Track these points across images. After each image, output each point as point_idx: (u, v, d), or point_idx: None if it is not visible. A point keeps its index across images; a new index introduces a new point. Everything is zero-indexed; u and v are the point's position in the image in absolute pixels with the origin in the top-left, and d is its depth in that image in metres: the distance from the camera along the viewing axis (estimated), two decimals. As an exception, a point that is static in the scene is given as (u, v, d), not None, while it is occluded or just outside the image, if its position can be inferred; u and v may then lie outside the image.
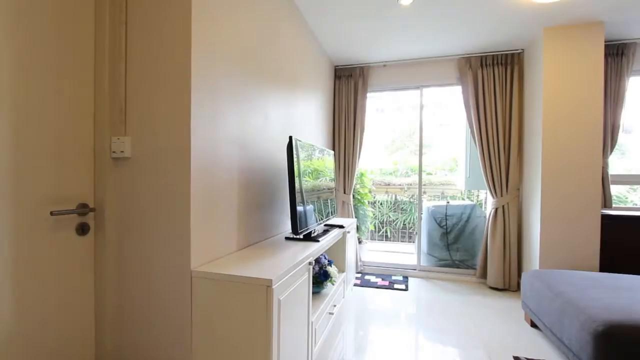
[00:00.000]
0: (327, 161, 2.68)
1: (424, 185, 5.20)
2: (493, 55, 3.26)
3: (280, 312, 1.30)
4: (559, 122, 2.75)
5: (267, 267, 1.37)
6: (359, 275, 3.66)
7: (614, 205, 3.09)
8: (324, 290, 2.26)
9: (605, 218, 2.76)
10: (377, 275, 3.65)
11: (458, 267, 3.67)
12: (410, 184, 5.28)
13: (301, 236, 2.00)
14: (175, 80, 1.33)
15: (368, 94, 3.73)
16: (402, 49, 3.29)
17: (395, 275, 3.66)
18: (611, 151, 2.92)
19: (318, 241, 1.94)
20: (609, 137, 2.90)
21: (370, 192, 4.35)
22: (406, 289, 3.24)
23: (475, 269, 3.53)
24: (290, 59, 2.37)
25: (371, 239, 5.48)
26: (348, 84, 3.66)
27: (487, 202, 3.55)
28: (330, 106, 3.64)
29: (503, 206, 3.24)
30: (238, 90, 1.68)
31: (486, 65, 3.27)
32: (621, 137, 2.96)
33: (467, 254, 3.72)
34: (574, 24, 2.70)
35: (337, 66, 3.71)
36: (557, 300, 1.94)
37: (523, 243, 3.19)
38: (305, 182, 2.01)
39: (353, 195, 3.89)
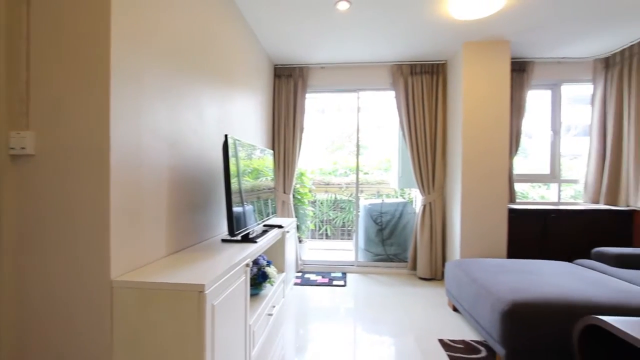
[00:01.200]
0: (266, 161, 2.65)
1: (361, 184, 5.43)
2: (421, 64, 3.53)
3: (215, 318, 1.25)
4: (476, 128, 3.10)
5: (200, 272, 1.31)
6: (300, 274, 3.69)
7: (517, 200, 3.57)
8: (263, 292, 2.23)
9: (511, 212, 3.19)
10: (317, 273, 3.71)
11: (392, 261, 3.91)
12: (349, 183, 5.47)
13: (239, 237, 1.94)
14: (91, 66, 1.19)
15: (308, 95, 3.77)
16: (340, 53, 3.39)
17: (334, 272, 3.76)
18: (515, 153, 3.38)
19: (256, 242, 1.91)
20: (514, 141, 3.35)
21: (310, 191, 4.40)
22: (345, 285, 3.35)
23: (407, 261, 3.79)
24: (227, 56, 2.29)
25: (312, 238, 5.55)
26: (288, 84, 3.66)
27: (417, 199, 3.84)
28: (270, 105, 3.60)
29: (430, 203, 3.54)
30: (169, 84, 1.57)
31: (415, 73, 3.53)
32: (523, 142, 3.44)
33: (400, 248, 3.98)
34: (488, 40, 3.05)
35: (277, 65, 3.68)
36: (473, 285, 2.18)
37: (447, 236, 3.52)
38: (243, 182, 1.96)
39: (293, 195, 3.90)
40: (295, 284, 3.36)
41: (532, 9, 2.49)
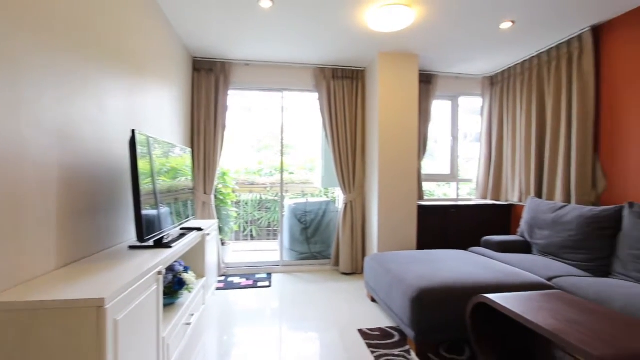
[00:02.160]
0: (184, 159, 2.47)
1: (287, 184, 5.45)
2: (342, 69, 3.70)
3: (119, 335, 1.11)
4: (390, 132, 3.37)
5: (101, 284, 1.16)
6: (223, 278, 3.53)
7: (425, 198, 4.00)
8: (180, 300, 2.07)
9: (420, 208, 3.55)
10: (242, 276, 3.61)
11: (316, 259, 4.02)
12: (274, 183, 5.44)
13: (151, 243, 1.77)
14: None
15: (232, 91, 3.63)
16: (265, 51, 3.35)
17: (259, 274, 3.70)
18: (423, 156, 3.78)
19: (171, 247, 1.77)
20: (422, 145, 3.74)
21: (233, 192, 4.25)
22: (270, 286, 3.33)
23: (330, 258, 3.93)
24: (135, 43, 2.07)
25: (236, 240, 5.37)
26: (209, 79, 3.47)
27: (340, 198, 4.02)
28: (188, 100, 3.37)
29: (351, 201, 3.73)
30: (58, 71, 1.34)
31: (337, 77, 3.69)
32: (430, 145, 3.87)
33: (324, 245, 4.12)
34: (400, 52, 3.35)
35: (197, 58, 3.46)
36: (388, 276, 2.38)
37: (366, 232, 3.76)
38: (157, 183, 1.79)
39: (215, 196, 3.72)
40: (218, 288, 3.21)
41: (434, 30, 2.81)
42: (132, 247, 1.76)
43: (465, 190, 4.50)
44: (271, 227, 5.62)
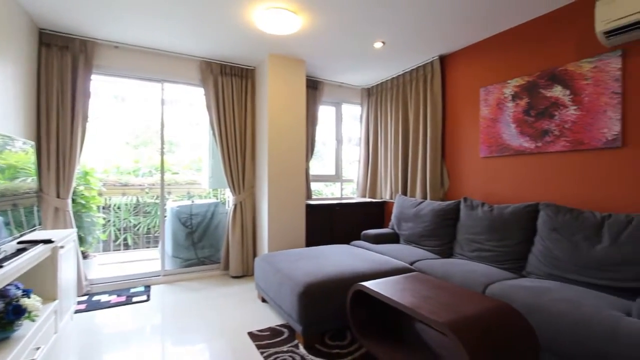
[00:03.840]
0: (26, 156, 1.97)
1: (170, 185, 4.97)
2: (232, 66, 3.58)
3: None
4: (279, 133, 3.43)
5: None
6: (85, 297, 2.97)
7: (314, 197, 4.23)
8: (18, 333, 1.64)
9: (308, 207, 3.74)
10: (111, 293, 3.10)
11: (204, 264, 3.77)
12: (154, 184, 4.87)
13: (-32, 265, 1.36)
14: None
15: (98, 77, 3.09)
16: (140, 35, 2.96)
17: (135, 288, 3.25)
18: (311, 157, 3.98)
19: (1, 267, 1.39)
20: (310, 146, 3.94)
21: (100, 194, 3.62)
22: (148, 299, 2.96)
23: (219, 262, 3.76)
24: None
25: (104, 251, 4.59)
26: (63, 58, 2.86)
27: (230, 199, 3.87)
28: (32, 82, 2.70)
29: (241, 202, 3.65)
30: None
31: (226, 74, 3.55)
32: (318, 147, 4.10)
33: (213, 249, 3.90)
34: (289, 56, 3.44)
35: (44, 30, 2.80)
36: (277, 275, 2.42)
37: (257, 233, 3.73)
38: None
39: (74, 200, 3.10)
40: (79, 311, 2.68)
41: (319, 40, 3.00)
42: None
43: (350, 189, 4.94)
44: (152, 233, 5.01)
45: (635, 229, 1.89)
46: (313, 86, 3.99)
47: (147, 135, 6.11)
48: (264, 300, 2.88)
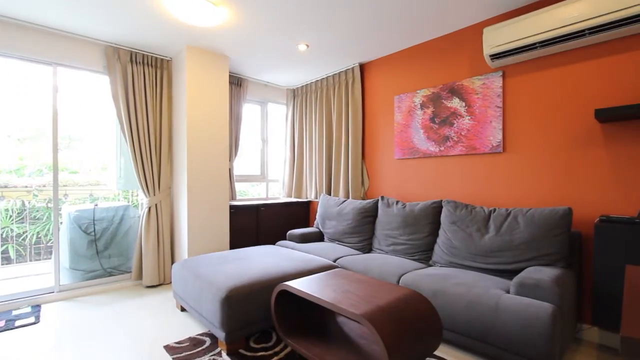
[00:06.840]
0: None
1: (67, 186, 4.30)
2: (144, 54, 3.26)
3: None
4: (200, 131, 3.24)
5: None
6: (-57, 328, 2.39)
7: (238, 197, 4.10)
8: None
9: (232, 208, 3.61)
10: (-17, 318, 2.55)
11: (112, 275, 3.36)
12: (45, 185, 4.16)
13: None
14: None
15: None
16: (21, 5, 2.49)
17: (18, 309, 2.73)
18: (235, 156, 3.85)
19: None
20: (234, 146, 3.81)
21: (-33, 199, 2.95)
22: (37, 322, 2.52)
23: (130, 272, 3.39)
24: None
25: (-26, 268, 3.75)
26: None
27: (144, 201, 3.51)
28: None
29: (156, 204, 3.35)
30: None
31: (137, 62, 3.21)
32: (242, 147, 3.98)
33: (122, 258, 3.50)
34: (211, 50, 3.27)
35: None
36: (198, 281, 2.28)
37: (175, 237, 3.47)
38: None
39: None
40: None
41: (242, 37, 2.93)
42: None
43: (275, 189, 4.92)
44: (43, 242, 4.27)
45: (512, 220, 2.29)
46: (237, 83, 3.87)
47: (36, 128, 5.17)
48: (183, 310, 2.70)
